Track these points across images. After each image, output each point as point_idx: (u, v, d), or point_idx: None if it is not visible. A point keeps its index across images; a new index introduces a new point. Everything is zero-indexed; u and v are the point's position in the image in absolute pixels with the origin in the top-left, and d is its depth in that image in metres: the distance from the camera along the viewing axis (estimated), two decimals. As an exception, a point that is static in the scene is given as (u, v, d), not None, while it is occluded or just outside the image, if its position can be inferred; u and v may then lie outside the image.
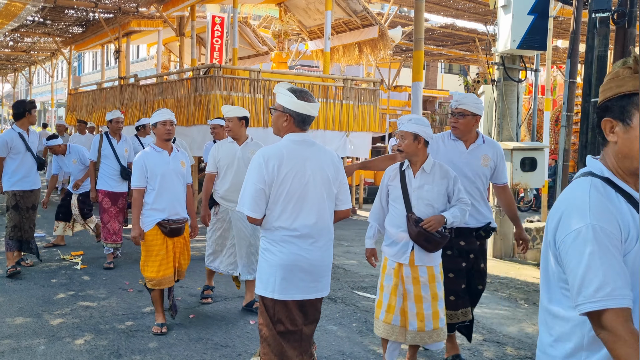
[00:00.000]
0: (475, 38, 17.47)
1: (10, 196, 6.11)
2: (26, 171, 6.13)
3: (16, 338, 4.29)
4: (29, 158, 6.18)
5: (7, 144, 6.04)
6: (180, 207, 4.63)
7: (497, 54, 7.86)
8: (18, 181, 6.11)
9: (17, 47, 22.32)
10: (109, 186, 6.70)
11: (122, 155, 6.82)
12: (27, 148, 6.17)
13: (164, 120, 4.59)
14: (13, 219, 6.11)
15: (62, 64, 37.35)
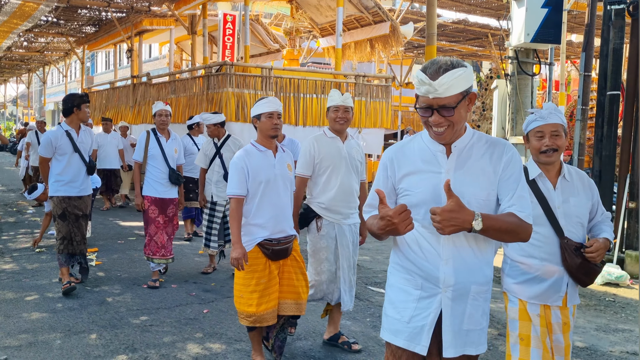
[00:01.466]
0: (488, 33, 17.35)
1: (57, 203, 5.37)
2: (73, 175, 5.39)
3: (33, 332, 4.33)
4: (76, 160, 5.41)
5: (51, 143, 5.33)
6: (287, 223, 3.69)
7: (510, 48, 7.80)
8: (64, 186, 5.38)
9: (31, 48, 22.54)
10: (156, 192, 5.78)
11: (171, 155, 5.88)
12: (75, 148, 5.40)
13: (270, 112, 3.68)
14: (61, 229, 5.38)
15: (76, 64, 37.64)
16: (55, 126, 5.65)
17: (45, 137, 5.39)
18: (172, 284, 5.84)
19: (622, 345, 4.46)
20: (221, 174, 5.99)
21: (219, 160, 6.06)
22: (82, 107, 5.40)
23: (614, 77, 7.17)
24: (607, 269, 6.46)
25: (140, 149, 5.87)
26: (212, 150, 6.11)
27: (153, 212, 5.76)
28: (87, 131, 5.58)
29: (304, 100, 10.95)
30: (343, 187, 3.98)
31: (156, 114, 5.88)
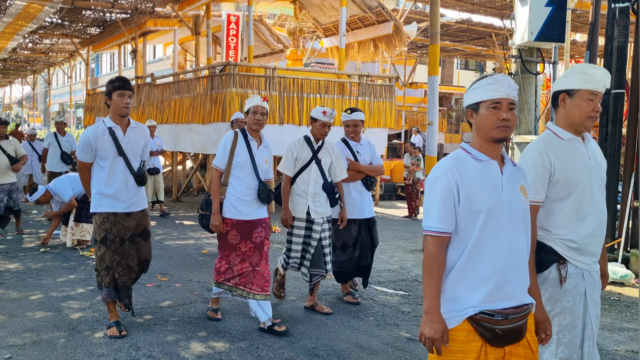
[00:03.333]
0: (492, 33, 17.32)
1: (98, 222, 4.26)
2: (119, 185, 4.24)
3: (37, 331, 4.34)
4: (121, 166, 4.25)
5: (90, 144, 4.20)
6: (520, 281, 2.19)
7: (514, 47, 7.77)
8: (108, 199, 4.24)
9: (36, 49, 22.64)
10: (239, 213, 4.44)
11: (262, 166, 4.54)
12: (119, 151, 4.24)
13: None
14: (103, 257, 4.26)
15: (80, 65, 37.79)
16: (97, 122, 4.46)
17: (84, 136, 4.24)
18: (175, 283, 5.85)
19: (627, 344, 4.44)
20: (319, 184, 4.84)
21: (317, 166, 4.85)
22: (114, 95, 4.19)
23: (618, 76, 7.14)
24: (612, 268, 6.44)
25: (224, 153, 4.49)
26: (308, 155, 4.84)
27: (234, 238, 4.46)
28: (139, 129, 4.41)
29: (307, 100, 10.95)
30: (600, 215, 2.67)
31: (249, 111, 4.49)
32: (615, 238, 7.20)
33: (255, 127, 4.49)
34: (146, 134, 4.49)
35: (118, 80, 4.22)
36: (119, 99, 4.20)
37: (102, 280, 4.31)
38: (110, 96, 4.22)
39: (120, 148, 4.25)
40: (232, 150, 4.47)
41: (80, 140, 4.26)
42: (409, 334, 4.52)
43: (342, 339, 4.35)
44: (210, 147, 10.54)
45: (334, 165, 4.92)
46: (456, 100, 28.46)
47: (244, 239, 4.45)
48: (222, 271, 4.54)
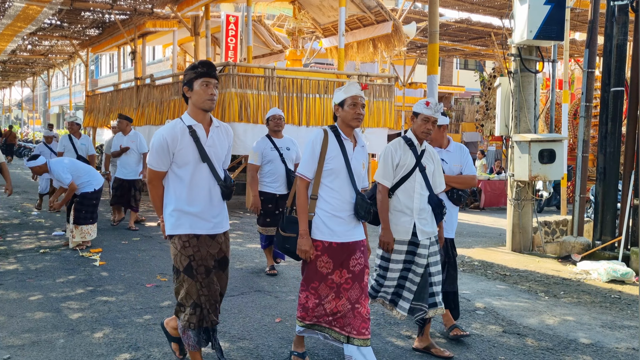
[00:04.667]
0: (491, 32, 17.31)
1: (179, 247, 3.39)
2: (203, 199, 3.39)
3: (36, 332, 4.33)
4: (205, 175, 3.39)
5: (167, 148, 3.31)
6: None
7: (513, 45, 7.77)
8: (188, 217, 3.37)
9: (36, 51, 22.65)
10: (332, 233, 3.52)
11: (359, 172, 3.59)
12: (204, 156, 3.37)
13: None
14: (190, 292, 3.39)
15: (80, 66, 37.80)
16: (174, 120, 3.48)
17: (159, 137, 3.32)
18: (175, 283, 5.84)
19: (627, 342, 4.43)
20: (425, 197, 3.97)
21: (421, 175, 3.96)
22: (196, 84, 3.32)
23: (618, 74, 7.14)
24: (613, 266, 6.43)
25: (313, 158, 3.53)
26: (411, 161, 3.94)
27: (325, 265, 3.53)
28: (223, 129, 3.52)
29: (306, 100, 10.95)
30: None
31: (345, 103, 3.54)
32: (616, 236, 7.20)
33: (355, 123, 3.53)
34: (230, 136, 3.56)
35: (202, 65, 3.33)
36: (203, 89, 3.31)
37: (187, 321, 3.39)
38: (191, 85, 3.33)
39: (204, 152, 3.35)
40: (322, 154, 3.51)
41: (154, 143, 3.33)
42: (409, 332, 4.51)
43: (342, 338, 4.33)
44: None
45: (435, 174, 4.05)
46: (456, 100, 28.41)
47: (339, 267, 3.52)
48: (310, 307, 3.57)
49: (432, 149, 4.09)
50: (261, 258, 7.11)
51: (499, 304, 5.31)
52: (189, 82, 3.35)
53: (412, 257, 3.93)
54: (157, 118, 12.95)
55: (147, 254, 7.21)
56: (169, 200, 3.41)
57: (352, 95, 3.54)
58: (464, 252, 7.85)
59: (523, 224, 7.88)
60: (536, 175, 7.41)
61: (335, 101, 3.60)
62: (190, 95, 3.37)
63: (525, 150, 7.40)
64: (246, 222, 10.06)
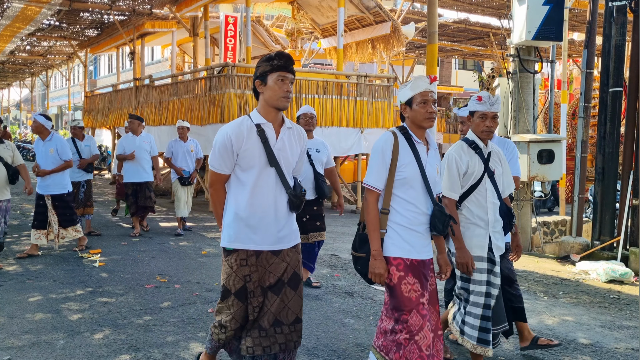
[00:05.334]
0: (490, 33, 17.34)
1: (233, 266, 2.97)
2: (267, 209, 2.95)
3: (36, 333, 4.33)
4: (272, 181, 2.96)
5: (230, 147, 2.92)
6: None
7: (512, 46, 7.79)
8: (248, 229, 2.95)
9: (34, 52, 22.64)
10: (411, 249, 3.01)
11: (434, 179, 3.10)
12: (271, 160, 2.95)
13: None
14: (235, 316, 2.99)
15: (79, 67, 37.79)
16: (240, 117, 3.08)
17: (223, 134, 2.93)
18: (175, 284, 5.84)
19: (626, 342, 4.44)
20: (497, 206, 3.54)
21: (490, 182, 3.52)
22: (271, 78, 2.91)
23: (616, 74, 7.15)
24: (612, 266, 6.44)
25: (383, 166, 3.01)
26: (480, 167, 3.49)
27: (414, 287, 2.94)
28: (295, 131, 3.09)
29: (305, 100, 10.95)
30: None
31: (414, 100, 3.03)
32: (615, 236, 7.21)
33: (428, 123, 3.02)
34: (303, 140, 3.11)
35: (279, 57, 2.92)
36: (279, 84, 2.91)
37: (217, 334, 3.07)
38: (265, 79, 2.92)
39: (272, 155, 2.93)
40: (393, 161, 2.99)
41: (217, 141, 2.94)
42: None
43: (342, 339, 4.34)
44: (209, 148, 10.54)
45: (504, 176, 3.61)
46: (454, 101, 28.43)
47: (424, 288, 2.98)
48: (396, 346, 2.94)
49: (497, 148, 3.64)
50: (260, 259, 7.10)
51: (498, 304, 5.32)
52: (263, 75, 2.95)
53: (490, 277, 3.47)
54: (156, 119, 12.96)
55: (146, 255, 7.21)
56: (229, 208, 3.01)
57: (421, 92, 3.02)
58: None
59: (522, 224, 7.89)
60: (535, 176, 7.43)
61: (401, 99, 3.11)
62: (262, 91, 2.96)
63: (524, 150, 7.41)
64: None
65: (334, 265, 6.84)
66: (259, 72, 2.96)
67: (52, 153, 6.98)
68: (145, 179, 8.49)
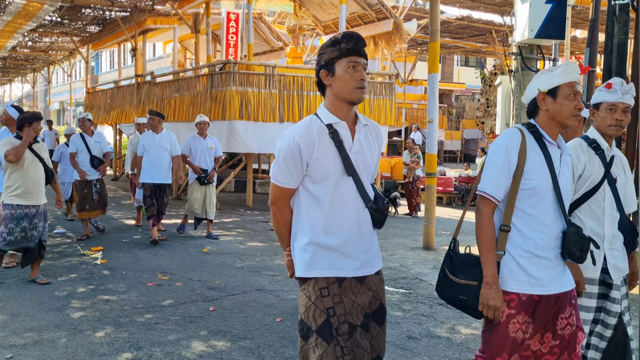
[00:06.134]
0: (492, 29, 17.31)
1: (313, 298, 2.38)
2: (349, 228, 2.40)
3: (38, 331, 4.35)
4: (351, 194, 2.40)
5: (298, 155, 2.35)
6: None
7: (514, 44, 7.77)
8: (327, 253, 2.39)
9: (36, 47, 22.63)
10: (535, 282, 2.45)
11: (567, 191, 2.56)
12: (348, 168, 2.38)
13: None
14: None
15: (80, 63, 37.77)
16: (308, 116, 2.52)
17: (288, 140, 2.35)
18: (176, 282, 5.86)
19: (627, 342, 4.44)
20: (616, 219, 3.01)
21: (610, 191, 2.97)
22: (340, 66, 2.35)
23: (619, 73, 7.13)
24: (613, 265, 6.43)
25: (506, 170, 2.46)
26: (599, 170, 2.96)
27: (521, 328, 2.43)
28: (372, 128, 2.50)
29: (307, 97, 10.96)
30: None
31: (558, 92, 2.47)
32: (616, 235, 7.20)
33: (574, 121, 2.46)
34: (381, 138, 2.56)
35: (347, 38, 2.34)
36: (350, 72, 2.33)
37: None
38: (332, 68, 2.35)
39: (349, 161, 2.35)
40: (520, 166, 2.43)
41: (281, 149, 2.37)
42: (410, 332, 4.53)
43: (343, 338, 4.35)
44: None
45: (627, 187, 3.03)
46: (456, 97, 28.38)
47: (540, 330, 2.43)
48: None
49: (621, 155, 3.08)
50: (262, 256, 7.13)
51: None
52: (329, 63, 2.36)
53: (602, 303, 2.96)
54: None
55: (148, 252, 7.23)
56: (300, 229, 2.41)
57: (570, 82, 2.46)
58: (465, 250, 7.87)
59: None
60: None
61: (540, 87, 2.50)
62: (329, 83, 2.38)
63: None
64: (247, 220, 10.07)
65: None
66: (324, 60, 2.38)
67: None
68: (165, 181, 7.82)
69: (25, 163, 5.51)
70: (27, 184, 5.51)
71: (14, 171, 5.50)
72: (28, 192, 5.52)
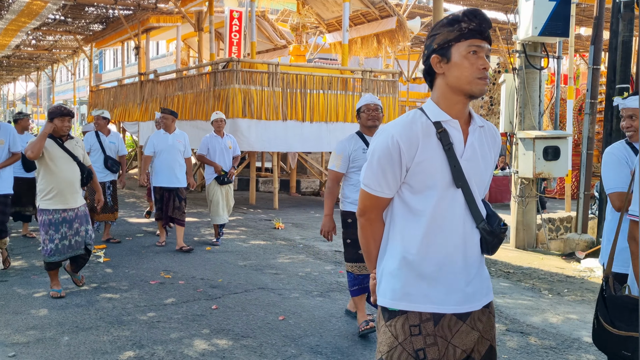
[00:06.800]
0: (496, 27, 17.23)
1: (401, 337, 1.93)
2: (452, 251, 1.94)
3: (41, 329, 4.35)
4: (459, 209, 1.95)
5: (398, 156, 1.92)
6: None
7: (518, 42, 7.74)
8: (419, 281, 1.95)
9: (40, 46, 22.68)
10: None
11: None
12: (458, 177, 1.94)
13: None
14: None
15: (84, 61, 37.81)
16: (412, 113, 2.03)
17: (385, 136, 1.94)
18: (179, 280, 5.86)
19: (631, 341, 4.42)
20: None
21: None
22: (457, 50, 1.92)
23: (623, 70, 7.10)
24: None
25: (624, 174, 2.51)
26: None
27: None
28: (488, 130, 2.06)
29: (310, 96, 10.94)
30: None
31: None
32: (620, 234, 7.17)
33: None
34: (498, 143, 2.09)
35: (470, 16, 1.92)
36: (470, 59, 1.90)
37: None
38: (447, 52, 1.92)
39: (459, 169, 1.92)
40: None
41: (376, 148, 1.95)
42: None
43: (345, 336, 4.34)
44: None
45: None
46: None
47: None
48: None
49: None
50: (265, 254, 7.12)
51: (503, 302, 5.30)
52: (444, 46, 1.91)
53: None
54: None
55: (151, 251, 7.23)
56: (392, 248, 1.99)
57: None
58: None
59: (527, 221, 7.86)
60: (540, 172, 7.40)
61: None
62: (442, 71, 1.93)
63: (529, 147, 7.38)
64: (249, 218, 10.06)
65: (338, 261, 6.83)
66: (438, 43, 1.92)
67: (2, 145, 5.82)
68: (176, 185, 7.24)
69: (56, 162, 5.02)
70: (59, 185, 5.02)
71: (44, 173, 5.04)
72: (62, 195, 5.03)
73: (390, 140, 1.90)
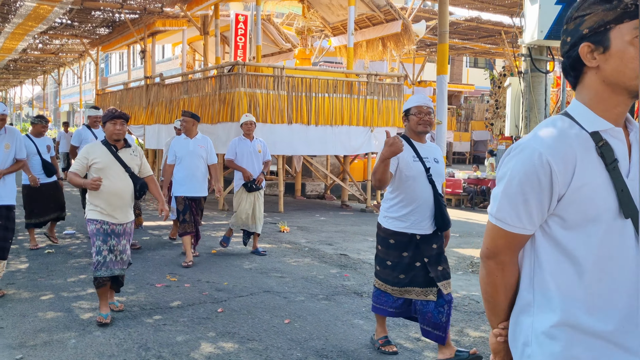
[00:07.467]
0: (501, 31, 17.24)
1: None
2: (623, 304, 1.42)
3: (48, 332, 4.37)
4: (630, 246, 1.43)
5: (548, 181, 1.42)
6: None
7: (523, 45, 7.73)
8: (592, 345, 1.43)
9: (46, 50, 22.81)
10: None
11: None
12: (629, 205, 1.41)
13: None
14: None
15: (90, 65, 38.00)
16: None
17: (528, 154, 1.44)
18: (185, 283, 5.87)
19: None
20: None
21: None
22: (617, 35, 1.40)
23: (629, 74, 7.08)
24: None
25: None
26: None
27: None
28: None
29: (315, 99, 10.95)
30: None
31: None
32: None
33: None
34: None
35: None
36: (637, 45, 1.37)
37: None
38: (605, 38, 1.41)
39: (627, 194, 1.42)
40: None
41: (514, 169, 1.47)
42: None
43: (351, 340, 4.34)
44: (220, 147, 10.57)
45: None
46: (465, 99, 28.28)
47: None
48: None
49: None
50: (270, 258, 7.13)
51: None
52: (599, 30, 1.43)
53: None
54: (166, 117, 13.01)
55: (156, 254, 7.25)
56: (541, 299, 1.50)
57: None
58: (474, 252, 7.83)
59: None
60: (546, 176, 7.37)
61: None
62: (596, 63, 1.45)
63: (535, 150, 7.35)
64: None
65: (343, 265, 6.84)
66: (589, 26, 1.44)
67: (8, 150, 5.42)
68: (200, 194, 6.76)
69: (106, 173, 4.53)
70: (110, 198, 4.53)
71: None
72: (111, 207, 4.55)
73: (538, 159, 1.42)
